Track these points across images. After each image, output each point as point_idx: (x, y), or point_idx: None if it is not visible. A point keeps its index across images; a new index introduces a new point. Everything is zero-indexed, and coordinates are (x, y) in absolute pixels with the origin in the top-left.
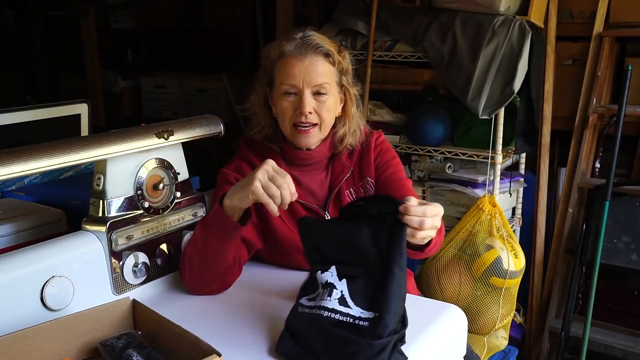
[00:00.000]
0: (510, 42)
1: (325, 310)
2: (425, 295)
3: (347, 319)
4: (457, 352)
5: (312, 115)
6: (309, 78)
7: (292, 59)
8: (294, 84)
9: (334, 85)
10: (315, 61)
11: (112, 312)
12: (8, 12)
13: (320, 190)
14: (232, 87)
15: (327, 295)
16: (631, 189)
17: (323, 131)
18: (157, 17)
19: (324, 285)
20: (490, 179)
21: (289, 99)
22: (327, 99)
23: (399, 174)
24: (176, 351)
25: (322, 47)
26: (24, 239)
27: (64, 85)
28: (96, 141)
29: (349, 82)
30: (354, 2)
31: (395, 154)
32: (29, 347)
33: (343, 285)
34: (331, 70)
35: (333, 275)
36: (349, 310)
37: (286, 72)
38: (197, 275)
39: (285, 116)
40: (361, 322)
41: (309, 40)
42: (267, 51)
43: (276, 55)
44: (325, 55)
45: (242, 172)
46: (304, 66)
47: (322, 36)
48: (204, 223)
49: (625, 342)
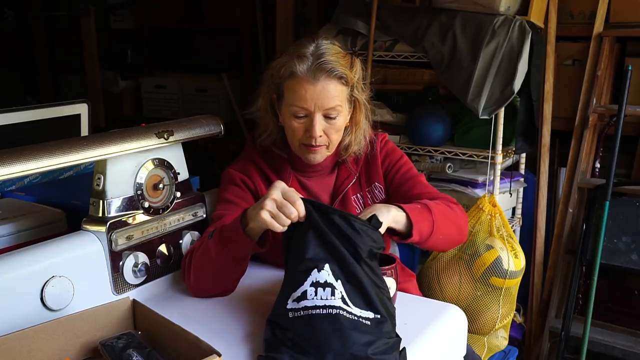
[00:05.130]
0: (510, 42)
1: (334, 308)
2: (425, 295)
3: (354, 317)
4: (457, 352)
5: (322, 137)
6: (321, 103)
7: (304, 82)
8: (305, 107)
9: (344, 105)
10: (327, 85)
11: (112, 312)
12: (8, 12)
13: (326, 195)
14: (232, 87)
15: (330, 294)
16: (631, 189)
17: (330, 149)
18: (157, 17)
19: (323, 284)
20: (490, 179)
21: (299, 121)
22: (337, 120)
23: (410, 172)
24: (176, 351)
25: (337, 72)
26: (24, 239)
27: (64, 85)
28: (96, 141)
29: (359, 92)
30: (354, 2)
31: (402, 152)
32: (29, 347)
33: (340, 286)
34: (344, 92)
35: (330, 274)
36: (352, 309)
37: (297, 95)
38: (204, 283)
39: (295, 136)
40: (366, 322)
41: (322, 64)
42: (277, 65)
43: (287, 73)
44: (338, 79)
45: (247, 172)
46: (316, 90)
47: (335, 49)
48: (222, 238)
49: (625, 342)
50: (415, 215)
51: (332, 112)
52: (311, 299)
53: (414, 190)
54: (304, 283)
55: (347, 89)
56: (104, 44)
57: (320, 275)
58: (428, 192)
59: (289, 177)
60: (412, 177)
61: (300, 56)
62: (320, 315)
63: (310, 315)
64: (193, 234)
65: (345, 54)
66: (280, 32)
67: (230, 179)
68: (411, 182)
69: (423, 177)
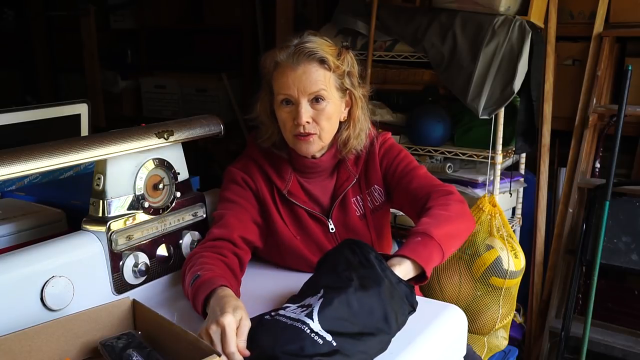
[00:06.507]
0: (510, 42)
1: (293, 320)
2: (425, 295)
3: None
4: (457, 352)
5: (310, 125)
6: (303, 86)
7: (286, 68)
8: (289, 93)
9: (332, 91)
10: (308, 69)
11: (112, 312)
12: (8, 12)
13: (325, 197)
14: (232, 87)
15: (300, 310)
16: (631, 189)
17: (324, 139)
18: (157, 17)
19: (305, 305)
20: (490, 179)
21: (286, 109)
22: (325, 106)
23: (409, 166)
24: (176, 351)
25: (316, 54)
26: (24, 239)
27: (64, 85)
28: (96, 141)
29: (353, 85)
30: (354, 2)
31: (401, 147)
32: (29, 347)
33: (318, 304)
34: (328, 76)
35: (316, 296)
36: (312, 325)
37: (281, 82)
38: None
39: (286, 127)
40: (318, 340)
41: (302, 48)
42: (264, 61)
43: (272, 65)
44: (319, 62)
45: (249, 171)
46: (297, 75)
47: (320, 39)
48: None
49: (625, 342)
50: (421, 255)
51: (317, 96)
52: (284, 310)
53: (413, 184)
54: (297, 302)
55: (332, 74)
56: (104, 44)
57: (308, 300)
58: (426, 185)
59: (290, 178)
60: (411, 170)
61: (283, 46)
62: (274, 318)
63: (262, 317)
64: (193, 234)
65: (331, 45)
66: (280, 32)
67: (232, 177)
68: (409, 176)
69: (423, 168)
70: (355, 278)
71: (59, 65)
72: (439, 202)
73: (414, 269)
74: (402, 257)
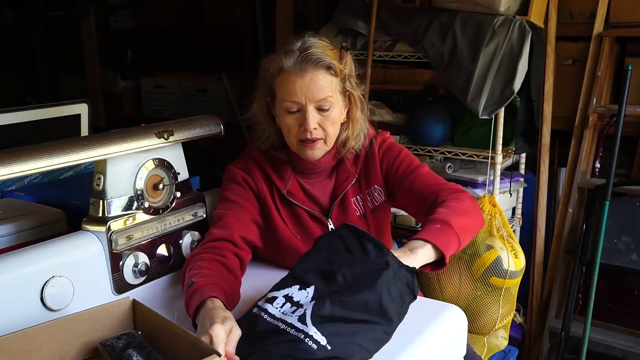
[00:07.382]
0: (510, 42)
1: (284, 324)
2: (425, 295)
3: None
4: (457, 352)
5: (317, 130)
6: (311, 94)
7: (292, 75)
8: (296, 100)
9: (337, 96)
10: (316, 76)
11: (112, 312)
12: (8, 12)
13: (324, 197)
14: (232, 87)
15: (291, 312)
16: (631, 189)
17: (328, 143)
18: (157, 17)
19: (294, 302)
20: (490, 179)
21: (292, 116)
22: (330, 112)
23: (411, 166)
24: (176, 351)
25: (323, 61)
26: (24, 239)
27: (64, 85)
28: (96, 141)
29: (352, 86)
30: (354, 2)
31: (401, 147)
32: (29, 347)
33: (311, 307)
34: (333, 82)
35: (307, 296)
36: (306, 328)
37: (287, 90)
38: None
39: (291, 133)
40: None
41: (309, 55)
42: (265, 64)
43: (275, 70)
44: (327, 69)
45: (249, 171)
46: (304, 82)
47: (322, 43)
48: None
49: (625, 342)
50: (441, 241)
51: (324, 103)
52: (275, 307)
53: (417, 183)
54: (280, 290)
55: (337, 80)
56: (104, 44)
57: (298, 294)
58: (432, 183)
59: (289, 178)
60: (413, 169)
61: (287, 52)
62: (267, 322)
63: (258, 317)
64: (193, 234)
65: (333, 48)
66: (280, 32)
67: (233, 177)
68: (412, 176)
69: (425, 167)
70: (348, 272)
71: (59, 65)
72: (452, 197)
73: (435, 253)
74: (424, 240)
